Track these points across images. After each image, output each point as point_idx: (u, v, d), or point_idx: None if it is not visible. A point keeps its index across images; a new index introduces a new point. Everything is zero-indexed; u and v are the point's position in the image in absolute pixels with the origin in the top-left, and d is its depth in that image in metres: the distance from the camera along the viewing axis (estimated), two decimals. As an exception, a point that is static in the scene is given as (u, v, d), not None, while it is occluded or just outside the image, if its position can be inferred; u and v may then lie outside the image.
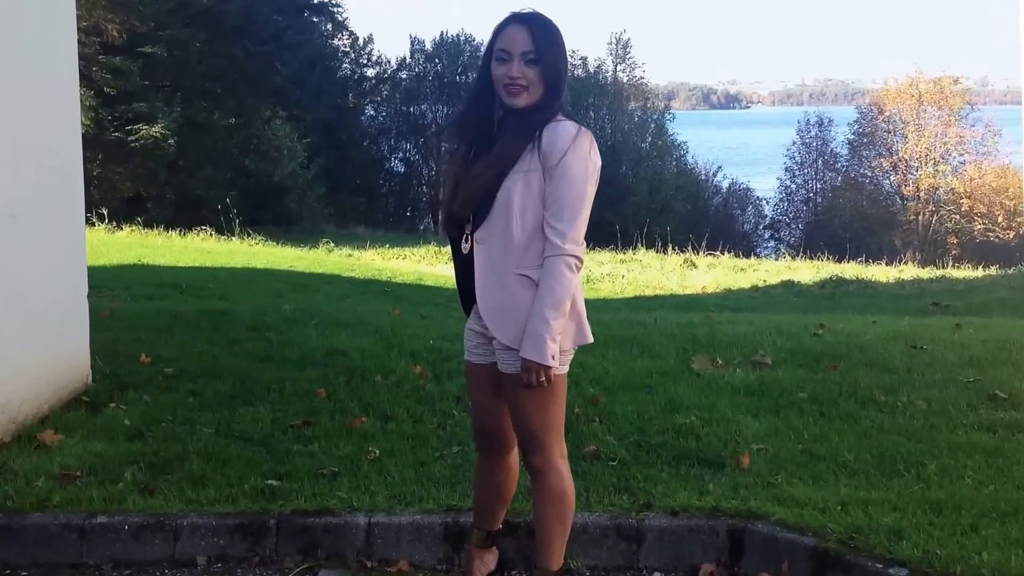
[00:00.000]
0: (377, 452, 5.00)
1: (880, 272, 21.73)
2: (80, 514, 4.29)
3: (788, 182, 50.50)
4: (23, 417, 5.40)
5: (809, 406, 5.85)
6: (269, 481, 4.63)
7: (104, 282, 12.00)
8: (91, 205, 23.76)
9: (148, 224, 23.44)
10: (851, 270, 21.79)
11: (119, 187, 28.20)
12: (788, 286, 18.72)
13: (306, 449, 5.09)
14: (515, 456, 3.80)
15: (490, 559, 3.97)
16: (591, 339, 3.55)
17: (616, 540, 4.27)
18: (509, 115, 3.42)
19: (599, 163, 3.41)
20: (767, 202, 51.19)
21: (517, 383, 3.42)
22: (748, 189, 51.70)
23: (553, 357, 3.33)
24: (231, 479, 4.67)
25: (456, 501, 4.42)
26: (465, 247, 3.44)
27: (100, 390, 6.16)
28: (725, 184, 52.27)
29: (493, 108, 3.47)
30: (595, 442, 5.19)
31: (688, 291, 18.63)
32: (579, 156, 3.33)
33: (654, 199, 44.46)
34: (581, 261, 3.38)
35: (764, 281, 19.79)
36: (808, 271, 21.81)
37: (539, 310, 3.31)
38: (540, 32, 3.37)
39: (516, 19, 3.40)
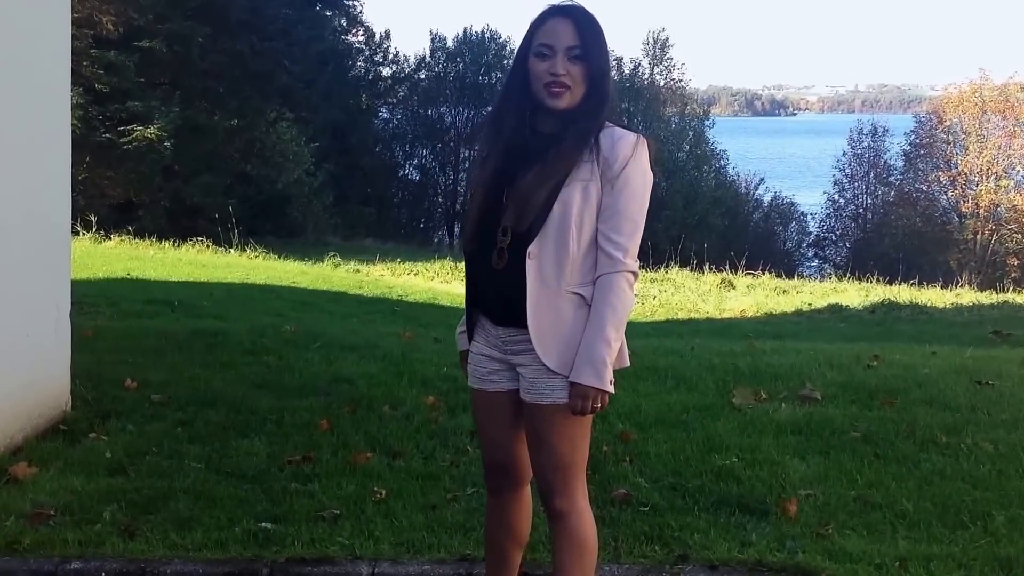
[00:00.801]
0: (383, 493, 4.90)
1: (935, 296, 21.55)
2: (53, 559, 4.20)
3: (836, 196, 50.28)
4: (-6, 448, 5.33)
5: (863, 447, 5.72)
6: (263, 524, 4.54)
7: (89, 297, 11.96)
8: (76, 212, 23.72)
9: (139, 234, 23.44)
10: (903, 293, 21.62)
11: (108, 193, 28.21)
12: (835, 310, 18.57)
13: (305, 488, 4.99)
14: (528, 491, 3.68)
15: None
16: (628, 363, 3.46)
17: (648, 597, 4.15)
18: (550, 118, 3.34)
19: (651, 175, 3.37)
20: (812, 217, 50.99)
21: (547, 415, 3.34)
22: (792, 203, 51.55)
23: (610, 382, 3.27)
24: (221, 521, 4.58)
25: (470, 549, 4.31)
26: (499, 263, 3.31)
27: (80, 418, 6.10)
28: (767, 198, 52.15)
29: (527, 110, 3.37)
30: (625, 485, 5.07)
31: (725, 314, 18.48)
32: (640, 166, 3.30)
33: (689, 213, 44.38)
34: (637, 278, 3.36)
35: (808, 304, 19.64)
36: (856, 294, 21.63)
37: (599, 330, 3.25)
38: (586, 26, 3.29)
39: (559, 11, 3.32)
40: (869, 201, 49.85)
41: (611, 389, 3.27)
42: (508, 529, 3.69)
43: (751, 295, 21.48)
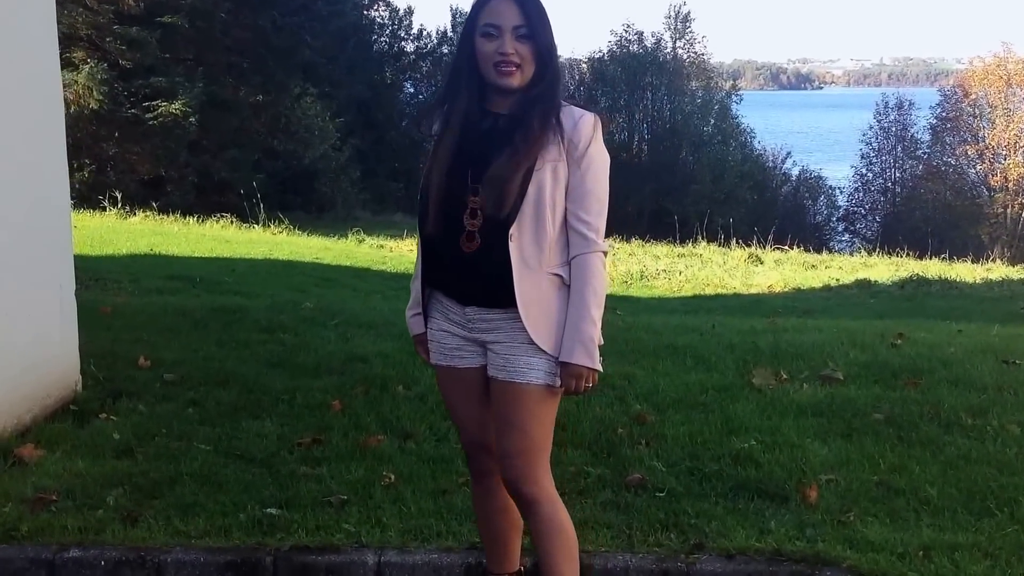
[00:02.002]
0: (392, 477, 4.77)
1: (965, 271, 21.27)
2: (51, 547, 4.09)
3: (864, 170, 49.88)
4: (0, 429, 5.22)
5: (886, 430, 5.54)
6: (268, 509, 4.41)
7: (112, 273, 11.93)
8: (106, 188, 23.85)
9: (168, 209, 23.38)
10: (933, 268, 21.34)
11: (137, 168, 28.22)
12: (864, 286, 18.32)
13: (313, 472, 4.87)
14: None
15: None
16: (602, 341, 3.41)
17: (662, 586, 4.00)
18: (502, 98, 3.30)
19: None
20: (841, 192, 50.59)
21: (520, 395, 3.32)
22: (820, 177, 51.13)
23: (600, 360, 3.32)
24: (225, 507, 4.46)
25: (480, 537, 4.16)
26: (469, 245, 3.27)
27: (90, 398, 6.00)
28: (795, 172, 51.74)
29: (476, 90, 3.32)
30: (641, 469, 4.92)
31: (753, 290, 18.27)
32: (601, 145, 3.32)
33: (717, 188, 44.07)
34: (606, 256, 3.39)
35: (837, 280, 19.40)
36: (886, 269, 21.37)
37: (585, 310, 3.28)
38: (530, 4, 3.26)
39: None
40: (898, 175, 49.42)
41: (600, 368, 3.33)
42: (504, 512, 3.60)
43: (779, 270, 21.25)
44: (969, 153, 45.36)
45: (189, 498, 4.54)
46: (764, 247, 24.98)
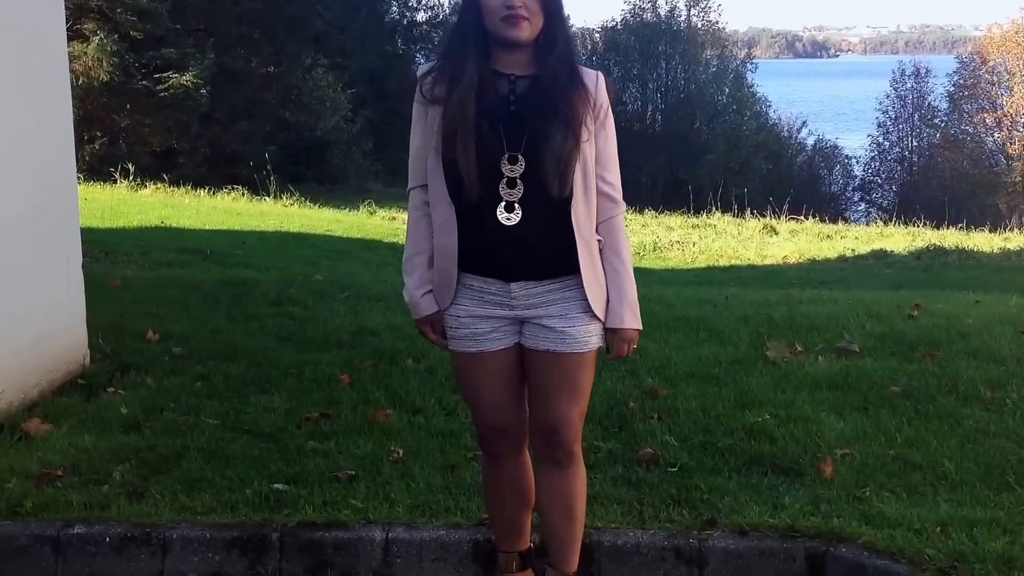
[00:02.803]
0: (401, 452, 4.72)
1: (983, 240, 21.08)
2: (55, 523, 4.05)
3: (881, 139, 49.57)
4: (5, 404, 5.20)
5: (902, 403, 5.47)
6: (275, 485, 4.37)
7: (122, 246, 11.90)
8: (117, 160, 23.81)
9: (179, 181, 23.32)
10: (951, 238, 21.15)
11: (148, 140, 28.15)
12: (880, 256, 18.17)
13: (321, 447, 4.82)
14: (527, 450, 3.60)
15: None
16: None
17: (675, 563, 3.94)
18: (511, 55, 3.20)
19: None
20: (856, 161, 50.27)
21: (584, 361, 3.32)
22: (835, 147, 50.81)
23: None
24: (232, 482, 4.41)
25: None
26: (511, 218, 3.17)
27: (98, 372, 5.97)
28: (810, 141, 51.41)
29: (484, 47, 3.21)
30: (653, 443, 4.86)
31: (767, 261, 18.15)
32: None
33: (731, 158, 43.82)
34: None
35: (853, 250, 19.25)
36: (902, 239, 21.21)
37: (627, 273, 3.32)
38: None
39: None
40: (914, 144, 49.10)
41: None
42: (519, 493, 3.57)
43: (794, 241, 21.10)
44: (987, 121, 45.04)
45: (196, 473, 4.50)
46: (779, 217, 24.79)
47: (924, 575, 3.67)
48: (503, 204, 3.16)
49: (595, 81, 3.23)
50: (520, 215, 3.16)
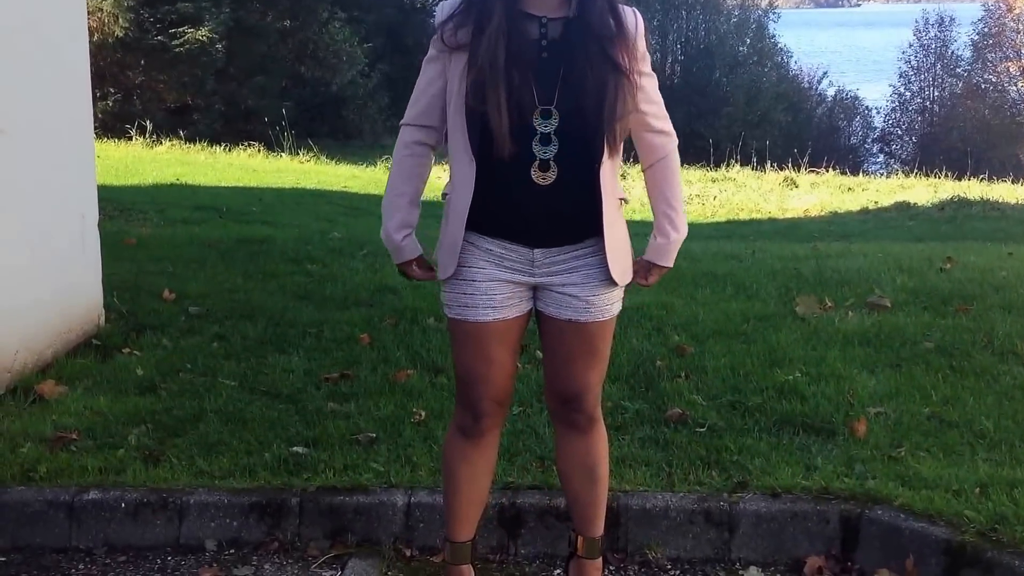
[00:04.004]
0: (423, 414, 4.61)
1: (1007, 191, 20.81)
2: (70, 488, 3.95)
3: (902, 89, 48.98)
4: (20, 365, 5.11)
5: (937, 359, 5.33)
6: (294, 448, 4.27)
7: (137, 203, 11.82)
8: (133, 116, 23.70)
9: (194, 138, 23.22)
10: (974, 189, 20.88)
11: (163, 97, 27.98)
12: (902, 208, 17.95)
13: (341, 408, 4.72)
14: None
15: None
16: None
17: (704, 527, 3.84)
18: None
19: None
20: (877, 112, 49.73)
21: (605, 328, 3.14)
22: (856, 98, 50.23)
23: None
24: (250, 445, 4.32)
25: (514, 477, 4.01)
26: (544, 177, 2.94)
27: (114, 332, 5.89)
28: (831, 92, 50.87)
29: None
30: (680, 403, 4.74)
31: (788, 214, 17.97)
32: None
33: (751, 110, 43.33)
34: None
35: (875, 203, 19.04)
36: (925, 191, 20.94)
37: (681, 207, 3.19)
38: None
39: None
40: (936, 94, 48.51)
41: None
42: (490, 471, 3.35)
43: (815, 193, 20.88)
44: (1011, 70, 44.47)
45: (213, 436, 4.41)
46: (799, 170, 24.54)
47: (963, 537, 3.54)
48: (536, 163, 2.93)
49: (634, 18, 2.99)
50: (556, 174, 2.94)
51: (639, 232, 3.36)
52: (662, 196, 3.16)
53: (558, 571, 3.71)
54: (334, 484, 3.96)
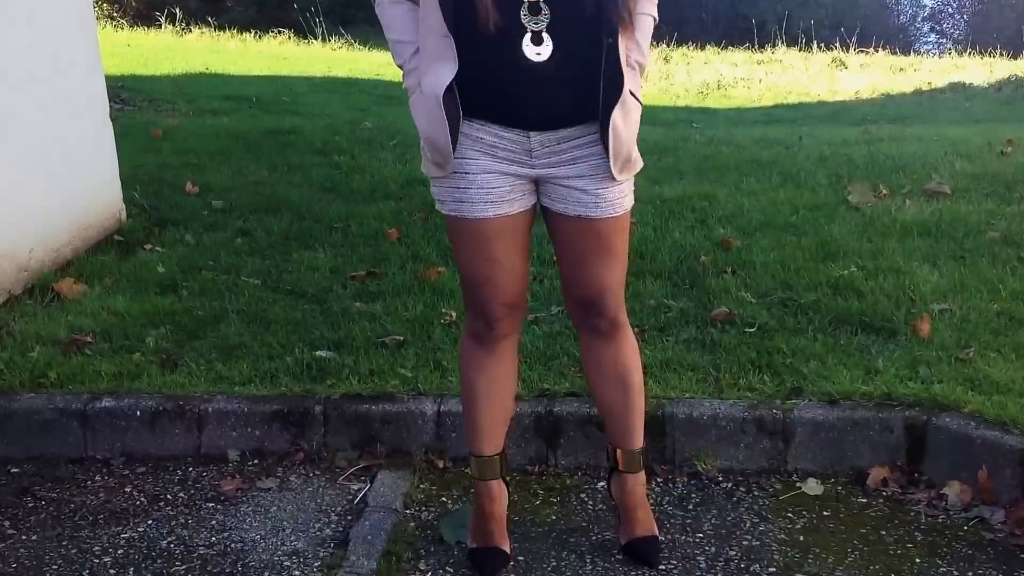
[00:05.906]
0: (453, 315, 4.36)
1: (1066, 69, 20.12)
2: (82, 396, 3.76)
3: (954, -36, 47.68)
4: (37, 264, 4.92)
5: (1003, 250, 5.02)
6: (318, 352, 4.05)
7: (165, 94, 11.55)
8: (164, 4, 23.29)
9: (225, 26, 22.83)
10: (1032, 67, 20.21)
11: (198, -17, 27.54)
12: (957, 89, 17.36)
13: (367, 308, 4.49)
14: None
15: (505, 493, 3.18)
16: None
17: (757, 436, 3.59)
18: None
19: None
20: (927, -11, 48.52)
21: (622, 224, 2.82)
22: (906, -26, 49.01)
23: None
24: (272, 349, 4.10)
25: (551, 384, 3.76)
26: (540, 52, 2.58)
27: (135, 228, 5.72)
28: (879, -32, 49.60)
29: None
30: (728, 302, 4.46)
31: (838, 97, 17.41)
32: None
33: (796, -14, 42.32)
34: None
35: (929, 84, 18.42)
36: (980, 70, 20.26)
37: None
38: None
39: None
40: (990, -31, 47.18)
41: None
42: (512, 379, 3.09)
43: (865, 74, 20.25)
44: (1068, -56, 43.07)
45: (234, 339, 4.20)
46: (848, 51, 23.85)
47: (1041, 447, 3.28)
48: (528, 35, 2.58)
49: None
50: (551, 48, 2.58)
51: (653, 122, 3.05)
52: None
53: (601, 483, 3.48)
54: (359, 391, 3.73)
